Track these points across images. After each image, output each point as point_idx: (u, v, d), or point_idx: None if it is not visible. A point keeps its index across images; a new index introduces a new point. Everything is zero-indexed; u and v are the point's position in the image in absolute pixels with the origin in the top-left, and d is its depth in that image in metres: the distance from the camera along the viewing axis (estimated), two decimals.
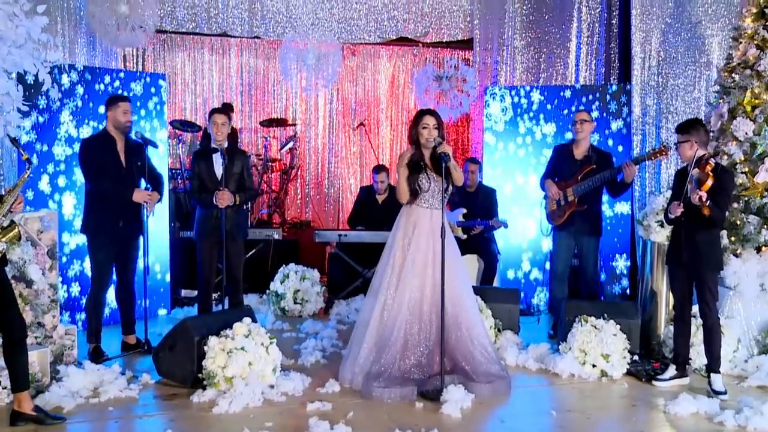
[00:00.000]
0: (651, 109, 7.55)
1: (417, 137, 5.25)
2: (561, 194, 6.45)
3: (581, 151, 6.51)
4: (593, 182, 6.31)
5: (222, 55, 10.68)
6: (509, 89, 8.31)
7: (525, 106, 8.18)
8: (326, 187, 11.08)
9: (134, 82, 7.00)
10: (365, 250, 7.72)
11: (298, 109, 10.99)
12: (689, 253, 5.12)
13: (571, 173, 6.47)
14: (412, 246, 5.20)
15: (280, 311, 7.38)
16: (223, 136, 6.04)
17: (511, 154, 8.26)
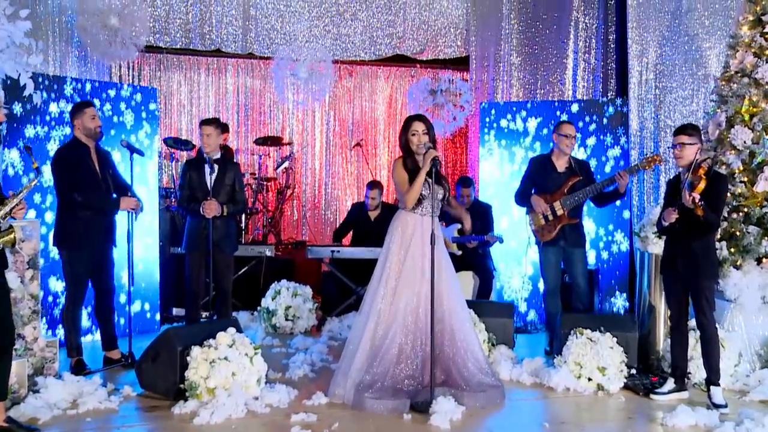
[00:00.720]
0: (648, 123, 7.46)
1: (407, 144, 5.15)
2: (548, 208, 6.23)
3: (563, 163, 6.29)
4: (584, 194, 6.12)
5: (218, 75, 10.65)
6: (507, 108, 8.23)
7: (520, 128, 8.10)
8: (323, 208, 10.97)
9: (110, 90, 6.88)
10: (358, 267, 7.57)
11: (295, 130, 10.93)
12: (685, 261, 4.97)
13: (556, 186, 6.23)
14: (409, 253, 5.07)
15: (272, 328, 7.22)
16: (213, 146, 5.96)
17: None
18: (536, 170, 6.41)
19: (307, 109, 10.90)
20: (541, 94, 8.83)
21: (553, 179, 6.27)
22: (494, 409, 4.92)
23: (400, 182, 5.12)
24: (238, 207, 6.04)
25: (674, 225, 4.93)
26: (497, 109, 8.19)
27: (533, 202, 6.30)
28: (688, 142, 4.97)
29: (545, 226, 6.28)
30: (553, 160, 6.34)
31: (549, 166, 6.32)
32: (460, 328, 5.06)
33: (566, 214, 6.20)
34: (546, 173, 6.32)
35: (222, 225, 5.94)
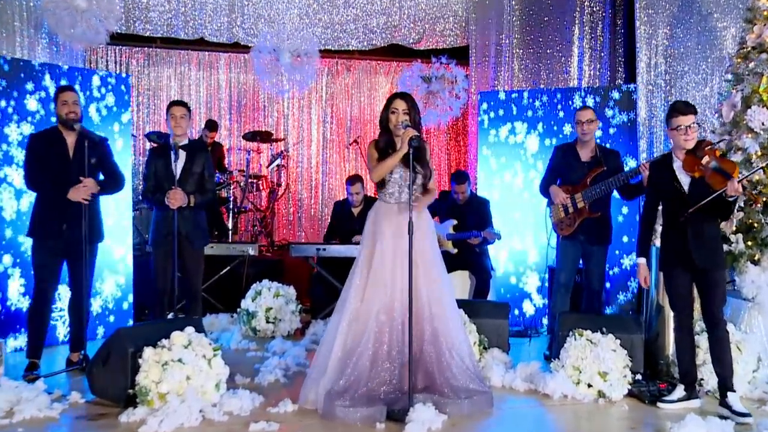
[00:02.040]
0: (658, 109, 6.91)
1: (386, 122, 4.67)
2: (569, 200, 5.74)
3: (588, 152, 5.78)
4: (607, 186, 5.60)
5: (209, 70, 10.25)
6: (508, 97, 7.71)
7: (527, 113, 7.58)
8: (319, 208, 10.49)
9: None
10: (346, 265, 7.04)
11: (291, 127, 10.49)
12: (698, 252, 4.41)
13: (579, 177, 5.74)
14: (378, 246, 4.58)
15: (251, 331, 6.73)
16: (183, 130, 5.51)
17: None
18: (559, 160, 5.91)
19: (303, 105, 10.49)
20: (545, 82, 8.31)
21: (576, 170, 5.77)
22: (481, 418, 4.39)
23: (369, 160, 4.69)
24: (207, 197, 5.56)
25: (684, 215, 4.37)
26: (496, 98, 7.68)
27: (552, 193, 5.82)
28: (696, 122, 4.47)
29: (564, 219, 5.79)
30: (577, 149, 5.82)
31: (572, 156, 5.81)
32: (444, 329, 4.55)
33: (587, 207, 5.67)
34: (568, 163, 5.81)
35: (190, 216, 5.47)
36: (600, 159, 5.73)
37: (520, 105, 7.57)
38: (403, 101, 4.66)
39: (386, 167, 4.55)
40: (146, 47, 9.82)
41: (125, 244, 6.70)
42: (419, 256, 4.52)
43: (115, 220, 6.43)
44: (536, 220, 7.40)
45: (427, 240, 4.67)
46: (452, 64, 8.16)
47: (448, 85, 7.99)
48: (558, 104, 7.47)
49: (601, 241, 5.78)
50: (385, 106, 4.75)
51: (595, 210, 5.67)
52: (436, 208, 7.35)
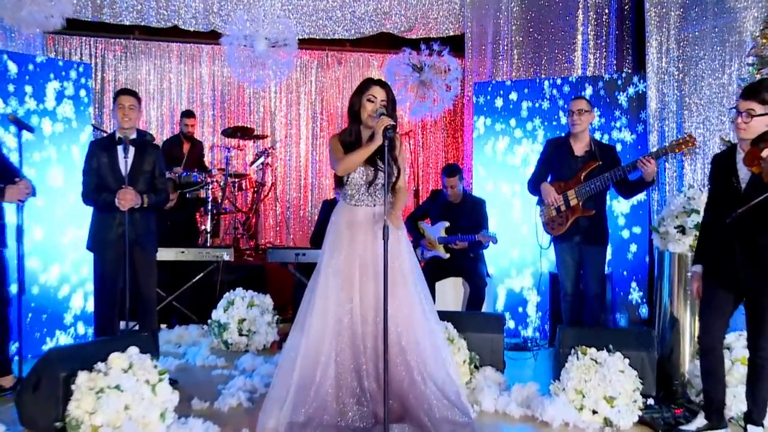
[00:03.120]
0: (670, 101, 6.27)
1: (359, 110, 4.03)
2: (560, 198, 5.18)
3: (582, 146, 5.24)
4: (601, 182, 5.04)
5: (191, 64, 9.66)
6: (501, 87, 7.09)
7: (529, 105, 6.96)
8: (309, 208, 9.88)
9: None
10: None
11: (278, 123, 9.89)
12: (748, 269, 3.67)
13: (572, 172, 5.20)
14: (340, 257, 3.98)
15: (223, 345, 6.13)
16: (131, 123, 4.91)
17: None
18: (551, 154, 5.38)
19: (291, 99, 9.89)
20: (546, 72, 7.68)
21: (569, 165, 5.24)
22: None
23: (333, 153, 4.03)
24: (160, 197, 4.96)
25: (731, 219, 3.68)
26: (493, 89, 7.07)
27: (542, 191, 5.28)
28: (760, 111, 3.63)
29: (556, 217, 5.26)
30: (570, 142, 5.27)
31: (565, 150, 5.27)
32: (414, 348, 3.92)
33: (580, 204, 5.13)
34: (561, 158, 5.28)
35: (142, 219, 4.87)
36: (595, 153, 5.18)
37: (521, 96, 6.97)
38: (383, 90, 4.03)
39: (357, 159, 3.92)
40: (123, 38, 9.24)
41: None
42: (394, 264, 3.96)
43: None
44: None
45: (398, 249, 4.05)
46: (445, 52, 7.48)
47: (440, 74, 7.34)
48: (561, 95, 6.87)
49: (598, 241, 5.22)
50: (358, 90, 4.06)
51: (589, 207, 5.13)
52: (427, 209, 6.74)
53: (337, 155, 3.99)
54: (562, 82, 6.94)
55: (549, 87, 6.91)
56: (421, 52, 7.55)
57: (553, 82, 6.94)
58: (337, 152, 4.00)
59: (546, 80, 7.01)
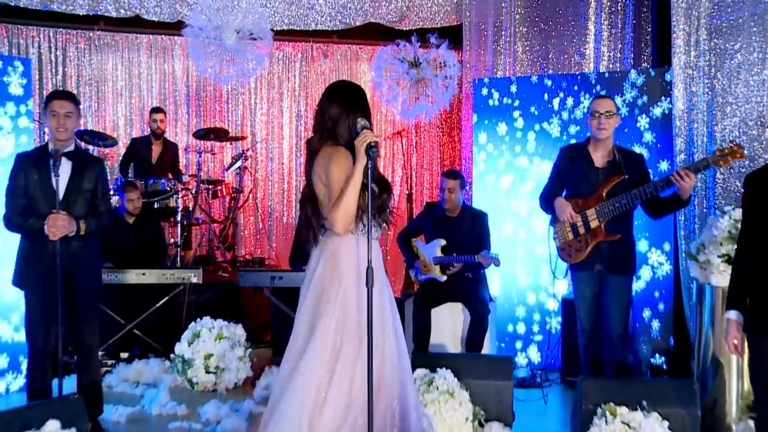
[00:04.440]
0: (699, 100, 5.47)
1: (351, 127, 3.15)
2: (579, 218, 4.37)
3: (603, 155, 4.41)
4: (628, 200, 4.19)
5: (163, 58, 8.81)
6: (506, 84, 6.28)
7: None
8: (293, 214, 9.06)
9: None
10: None
11: (258, 122, 9.05)
12: None
13: (591, 187, 4.37)
14: (347, 297, 3.14)
15: (188, 383, 5.33)
16: (68, 134, 4.08)
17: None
18: (566, 164, 4.55)
19: (273, 96, 9.06)
20: (554, 67, 6.87)
21: (588, 178, 4.41)
22: None
23: (337, 181, 3.10)
24: (101, 221, 4.14)
25: None
26: (494, 85, 6.27)
27: (557, 207, 4.45)
28: None
29: (573, 242, 4.43)
30: (589, 151, 4.44)
31: (583, 160, 4.44)
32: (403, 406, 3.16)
33: (602, 227, 4.30)
34: (578, 169, 4.45)
35: (80, 249, 4.06)
36: (619, 164, 4.33)
37: (528, 93, 6.17)
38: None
39: (351, 201, 3.05)
40: (87, 30, 8.39)
41: None
42: (386, 312, 3.21)
43: None
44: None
45: (386, 290, 3.28)
46: (444, 46, 6.60)
47: (437, 71, 6.49)
48: (570, 93, 6.08)
49: (622, 270, 4.38)
50: (349, 96, 3.24)
51: (613, 231, 4.29)
52: (421, 224, 5.92)
53: (335, 186, 3.08)
54: (573, 78, 6.13)
55: (556, 83, 6.12)
56: (414, 44, 6.69)
57: (561, 79, 6.14)
58: (335, 183, 3.08)
59: (552, 77, 6.21)
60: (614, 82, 5.95)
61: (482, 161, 6.38)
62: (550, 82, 6.12)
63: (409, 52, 6.54)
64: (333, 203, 3.06)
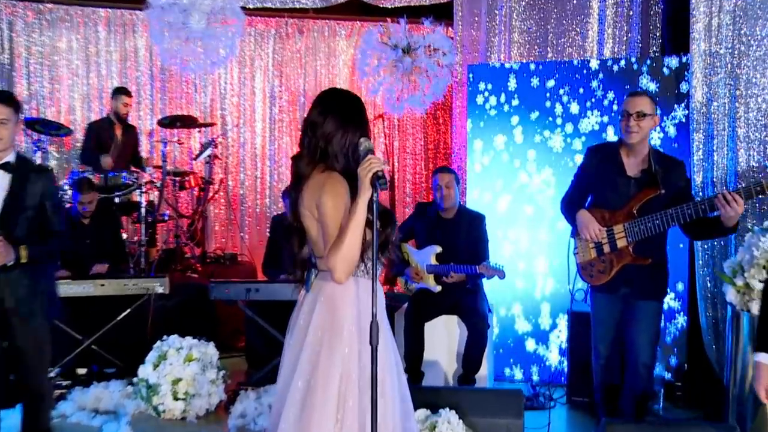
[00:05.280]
0: (721, 92, 4.95)
1: (349, 148, 2.59)
2: (604, 234, 3.81)
3: (637, 162, 3.82)
4: (663, 221, 3.62)
5: (123, 34, 8.06)
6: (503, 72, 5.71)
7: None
8: (266, 204, 8.44)
9: None
10: (290, 309, 5.14)
11: (229, 105, 8.37)
12: None
13: (621, 199, 3.80)
14: (340, 353, 2.57)
15: (154, 411, 4.75)
16: (4, 143, 3.44)
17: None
18: (593, 168, 3.96)
19: (244, 77, 8.38)
20: (554, 52, 6.30)
21: (617, 188, 3.83)
22: None
23: (332, 217, 2.52)
24: (50, 245, 3.52)
25: None
26: (489, 73, 5.70)
27: (579, 221, 3.87)
28: None
29: (596, 261, 3.87)
30: (621, 155, 3.85)
31: (613, 165, 3.85)
32: None
33: (631, 248, 3.74)
34: (607, 176, 3.87)
35: (22, 279, 3.45)
36: (656, 175, 3.73)
37: (523, 81, 5.62)
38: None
39: (358, 236, 2.49)
40: (36, 1, 7.63)
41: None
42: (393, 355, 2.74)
43: None
44: (551, 237, 5.53)
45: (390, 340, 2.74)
46: (439, 29, 5.95)
47: (432, 58, 5.86)
48: (571, 81, 5.54)
49: (653, 295, 3.84)
50: (351, 110, 2.65)
51: (644, 253, 3.73)
52: (412, 226, 5.36)
53: (333, 224, 2.51)
54: (579, 64, 5.58)
55: (558, 70, 5.57)
56: (403, 27, 6.04)
57: (564, 66, 5.59)
58: (335, 215, 2.51)
59: (555, 67, 5.66)
60: (620, 68, 5.42)
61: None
62: (553, 82, 5.55)
63: (400, 36, 5.89)
64: (332, 246, 2.48)
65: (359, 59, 6.07)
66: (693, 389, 5.00)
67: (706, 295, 4.93)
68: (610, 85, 5.42)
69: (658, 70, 5.31)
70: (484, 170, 5.78)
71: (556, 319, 5.56)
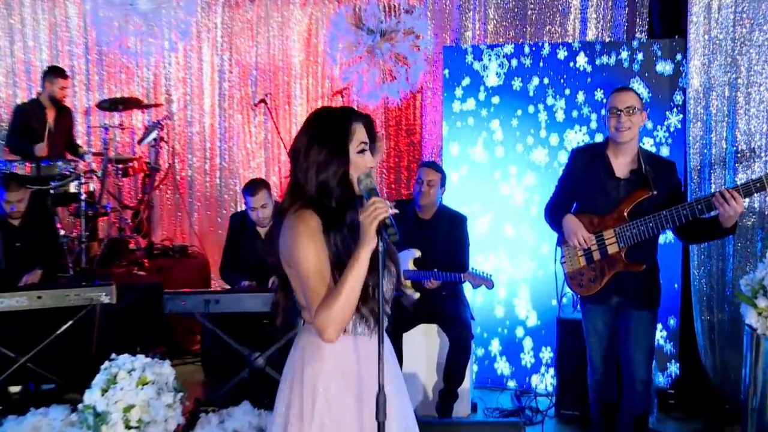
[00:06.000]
0: (720, 80, 4.60)
1: (344, 173, 2.16)
2: (593, 240, 3.50)
3: (626, 163, 3.57)
4: (656, 224, 3.37)
5: (53, 1, 7.27)
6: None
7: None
8: (217, 189, 7.84)
9: None
10: (252, 320, 4.68)
11: (174, 80, 7.68)
12: None
13: (610, 203, 3.54)
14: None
15: None
16: None
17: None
18: (578, 171, 3.70)
19: (190, 50, 7.68)
20: (530, 36, 5.85)
21: (605, 191, 3.58)
22: None
23: (308, 270, 2.09)
24: None
25: None
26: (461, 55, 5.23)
27: (566, 227, 3.59)
28: None
29: (586, 270, 3.61)
30: (609, 156, 3.59)
31: (600, 167, 3.59)
32: None
33: (623, 254, 3.48)
34: (594, 179, 3.61)
35: None
36: (646, 175, 3.48)
37: (500, 66, 5.17)
38: (362, 127, 2.21)
39: (354, 294, 2.06)
40: None
41: None
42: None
43: None
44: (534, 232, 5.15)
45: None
46: (417, 11, 5.41)
47: (400, 38, 5.32)
48: (553, 66, 5.11)
49: (646, 304, 3.60)
50: (334, 129, 2.17)
51: (637, 259, 3.50)
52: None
53: (315, 285, 2.08)
54: (563, 48, 5.14)
55: (535, 53, 5.13)
56: (376, 7, 5.47)
57: (545, 48, 5.15)
58: (316, 277, 2.08)
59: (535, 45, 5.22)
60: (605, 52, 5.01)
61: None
62: (537, 81, 5.11)
63: (373, 18, 5.32)
64: (321, 304, 2.06)
65: (328, 43, 5.49)
66: (686, 397, 4.73)
67: (702, 297, 4.64)
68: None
69: (650, 61, 4.89)
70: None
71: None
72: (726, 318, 4.55)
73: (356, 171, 2.14)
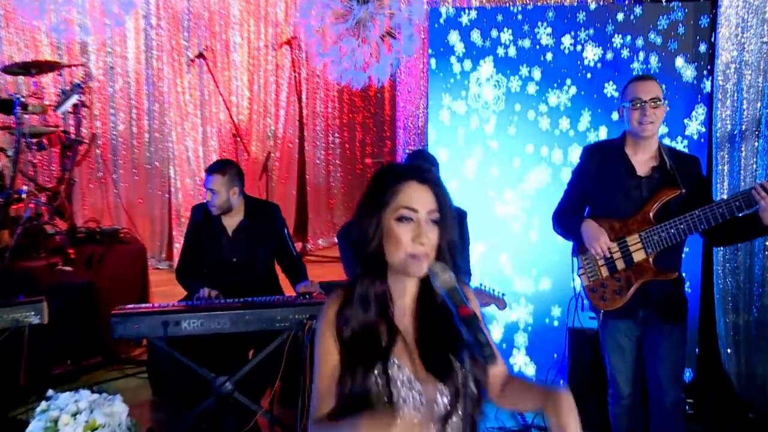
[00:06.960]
0: (753, 47, 4.04)
1: (380, 245, 1.65)
2: (616, 247, 3.14)
3: (646, 159, 3.18)
4: (688, 226, 3.01)
5: None
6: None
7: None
8: (145, 155, 6.89)
9: None
10: (216, 341, 3.91)
11: (92, 38, 6.58)
12: None
13: (633, 204, 3.15)
14: None
15: None
16: None
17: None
18: (593, 171, 3.27)
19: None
20: None
21: (628, 191, 3.18)
22: None
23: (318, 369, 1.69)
24: None
25: None
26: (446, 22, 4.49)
27: (585, 233, 3.18)
28: None
29: (609, 281, 3.20)
30: (627, 153, 3.20)
31: (619, 165, 3.20)
32: None
33: (651, 260, 3.10)
34: (614, 177, 3.21)
35: None
36: (671, 172, 3.11)
37: (486, 32, 4.46)
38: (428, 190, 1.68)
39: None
40: None
41: None
42: None
43: None
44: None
45: None
46: None
47: (384, 9, 4.47)
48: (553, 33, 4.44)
49: (676, 317, 3.20)
50: (374, 194, 1.69)
51: (667, 266, 3.12)
52: None
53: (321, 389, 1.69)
54: (565, 11, 4.46)
55: (527, 18, 4.44)
56: None
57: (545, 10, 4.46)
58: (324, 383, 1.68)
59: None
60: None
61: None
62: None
63: None
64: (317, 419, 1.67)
65: (301, 13, 4.57)
66: (705, 406, 4.31)
67: (726, 297, 4.18)
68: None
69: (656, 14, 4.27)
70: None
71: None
72: (752, 319, 4.12)
73: (396, 247, 1.61)
